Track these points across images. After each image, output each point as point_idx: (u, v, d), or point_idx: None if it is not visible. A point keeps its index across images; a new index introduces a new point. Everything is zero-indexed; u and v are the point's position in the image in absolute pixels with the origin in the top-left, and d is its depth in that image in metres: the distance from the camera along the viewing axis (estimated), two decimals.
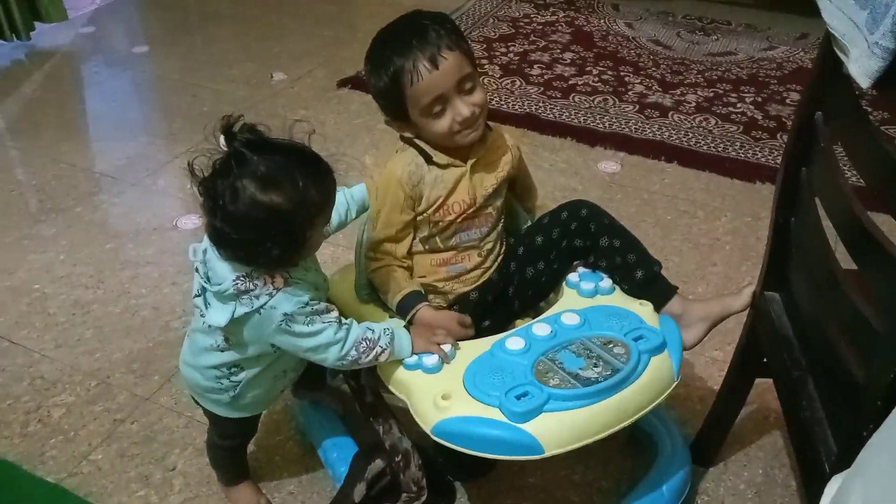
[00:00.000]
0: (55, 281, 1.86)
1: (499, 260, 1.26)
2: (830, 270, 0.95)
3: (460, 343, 1.11)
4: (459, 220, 1.20)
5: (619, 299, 1.18)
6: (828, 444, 0.98)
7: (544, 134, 2.43)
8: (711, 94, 2.65)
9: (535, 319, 1.14)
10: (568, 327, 1.10)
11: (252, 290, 1.01)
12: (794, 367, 1.09)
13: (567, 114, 2.54)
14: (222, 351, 1.10)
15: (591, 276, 1.21)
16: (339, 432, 1.36)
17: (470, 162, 1.19)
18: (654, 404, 1.06)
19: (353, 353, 1.05)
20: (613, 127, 2.46)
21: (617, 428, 1.03)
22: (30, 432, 1.48)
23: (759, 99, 2.62)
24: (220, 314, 1.02)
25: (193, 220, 2.05)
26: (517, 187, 1.31)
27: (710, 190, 2.17)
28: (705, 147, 2.36)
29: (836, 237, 0.95)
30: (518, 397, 0.99)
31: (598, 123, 2.48)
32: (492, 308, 1.24)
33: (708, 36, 3.11)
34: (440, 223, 1.20)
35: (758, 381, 1.31)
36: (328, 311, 1.06)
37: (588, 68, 2.84)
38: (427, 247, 1.23)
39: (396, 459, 1.16)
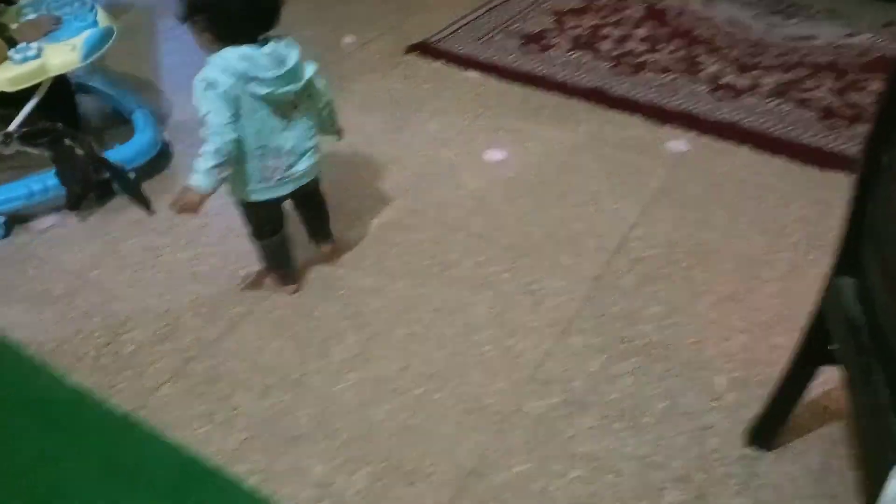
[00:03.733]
0: (129, 225, 1.93)
1: None
2: None
3: None
4: None
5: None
6: (893, 431, 0.96)
7: (612, 110, 2.40)
8: (788, 79, 2.58)
9: None
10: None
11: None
12: (863, 352, 1.07)
13: (636, 90, 2.50)
14: (310, 108, 1.58)
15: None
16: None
17: None
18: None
19: None
20: (684, 106, 2.42)
21: None
22: (101, 365, 1.55)
23: (838, 86, 2.54)
24: (310, 67, 1.55)
25: None
26: None
27: (782, 175, 2.12)
28: (779, 132, 2.30)
29: None
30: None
31: (668, 102, 2.44)
32: None
33: (788, 19, 3.01)
34: None
35: (820, 370, 1.30)
36: None
37: (660, 46, 2.79)
38: None
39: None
